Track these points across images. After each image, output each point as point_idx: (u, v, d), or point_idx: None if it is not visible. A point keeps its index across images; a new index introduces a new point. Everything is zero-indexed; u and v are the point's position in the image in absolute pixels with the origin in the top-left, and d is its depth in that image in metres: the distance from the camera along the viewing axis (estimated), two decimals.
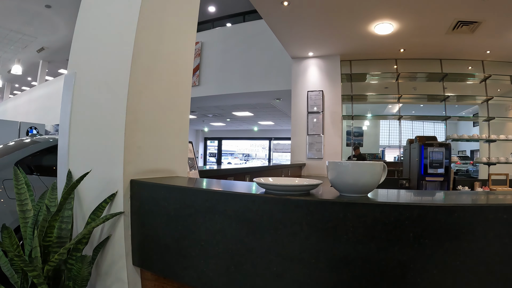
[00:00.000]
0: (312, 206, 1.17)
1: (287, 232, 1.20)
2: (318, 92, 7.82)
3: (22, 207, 1.79)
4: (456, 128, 14.97)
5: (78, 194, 1.95)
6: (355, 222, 1.09)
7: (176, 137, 2.11)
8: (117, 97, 1.79)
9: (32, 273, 1.50)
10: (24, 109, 16.43)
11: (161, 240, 1.59)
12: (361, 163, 1.24)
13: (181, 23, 2.16)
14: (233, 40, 10.10)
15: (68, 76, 2.14)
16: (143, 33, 1.84)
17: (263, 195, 1.27)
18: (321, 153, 7.64)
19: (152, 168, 1.91)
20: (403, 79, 8.11)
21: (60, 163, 2.14)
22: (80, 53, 2.13)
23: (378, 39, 6.85)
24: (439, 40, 6.87)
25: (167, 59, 2.04)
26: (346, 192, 1.24)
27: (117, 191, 1.74)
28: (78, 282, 1.67)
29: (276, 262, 1.21)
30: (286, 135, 19.65)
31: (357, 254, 1.09)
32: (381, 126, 13.46)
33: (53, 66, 16.39)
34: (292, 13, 5.99)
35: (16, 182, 1.79)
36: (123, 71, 1.79)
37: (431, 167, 6.49)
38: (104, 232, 1.83)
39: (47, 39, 13.20)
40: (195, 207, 1.44)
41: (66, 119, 2.08)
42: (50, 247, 1.73)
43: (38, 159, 3.76)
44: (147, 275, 1.76)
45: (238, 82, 9.78)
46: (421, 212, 1.04)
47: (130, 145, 1.76)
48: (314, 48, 7.67)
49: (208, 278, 1.40)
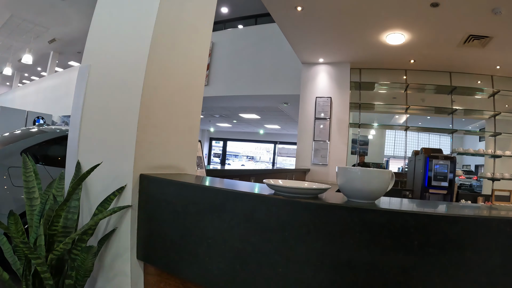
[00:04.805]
0: (320, 209, 1.18)
1: (294, 234, 1.21)
2: (327, 99, 7.82)
3: (29, 195, 1.81)
4: (462, 142, 14.89)
5: (86, 186, 1.96)
6: (362, 228, 1.11)
7: (186, 135, 2.13)
8: (132, 92, 1.81)
9: (36, 260, 1.52)
10: (32, 99, 16.49)
11: (167, 236, 1.60)
12: (371, 170, 1.26)
13: (198, 22, 2.18)
14: (244, 42, 10.10)
15: (82, 68, 2.16)
16: (161, 30, 1.86)
17: (272, 196, 1.28)
18: (326, 160, 7.64)
19: (161, 164, 1.93)
20: (412, 90, 8.10)
21: (69, 154, 2.15)
22: (95, 46, 2.14)
23: (389, 49, 6.85)
24: (450, 53, 6.85)
25: (182, 57, 2.06)
26: (354, 198, 1.26)
27: (126, 185, 1.75)
28: (81, 272, 1.68)
29: (282, 263, 1.22)
30: (291, 139, 19.61)
31: (362, 259, 1.10)
32: (387, 136, 13.43)
33: (64, 57, 16.42)
34: (305, 18, 6.00)
35: (25, 170, 1.80)
36: (139, 66, 1.81)
37: (435, 180, 6.45)
38: (110, 225, 1.84)
39: (59, 31, 13.23)
40: (203, 205, 1.45)
41: (78, 111, 2.10)
42: (55, 236, 1.74)
43: (45, 148, 3.77)
44: (150, 270, 1.77)
45: (246, 84, 9.77)
46: (427, 221, 1.06)
47: (141, 140, 1.77)
48: (325, 54, 7.67)
49: (212, 276, 1.41)
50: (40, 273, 1.55)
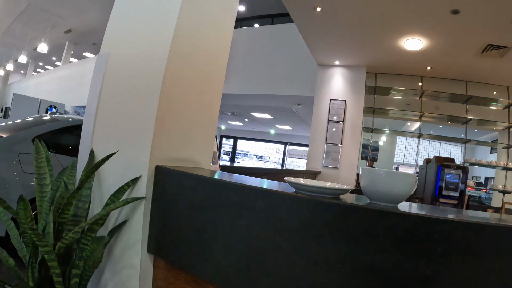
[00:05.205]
0: (344, 210, 1.15)
1: (315, 234, 1.17)
2: (341, 102, 7.76)
3: (40, 181, 1.78)
4: (473, 153, 14.73)
5: (98, 175, 1.94)
6: (386, 231, 1.08)
7: (204, 129, 2.09)
8: (152, 82, 1.78)
9: (44, 248, 1.48)
10: (45, 88, 16.65)
11: (181, 230, 1.57)
12: (395, 172, 1.23)
13: (221, 15, 2.15)
14: (260, 41, 10.05)
15: (101, 56, 2.13)
16: (184, 21, 1.83)
17: (295, 194, 1.24)
18: (337, 163, 7.57)
19: (177, 157, 1.89)
20: (426, 98, 8.01)
21: (83, 142, 2.13)
22: (115, 34, 2.12)
23: (406, 54, 6.77)
24: (467, 61, 6.77)
25: (203, 50, 2.02)
26: (377, 200, 1.22)
27: (140, 176, 1.72)
28: (90, 263, 1.66)
29: (300, 264, 1.19)
30: (301, 141, 19.51)
31: (383, 264, 1.07)
32: (398, 142, 13.33)
33: (79, 48, 16.51)
34: (324, 19, 5.95)
35: (37, 155, 1.77)
36: (160, 56, 1.78)
37: (446, 189, 6.37)
38: (121, 216, 1.81)
39: (76, 22, 13.30)
40: (222, 200, 1.42)
41: (94, 99, 2.07)
42: (64, 224, 1.72)
43: (56, 137, 3.77)
44: (160, 264, 1.74)
45: (260, 83, 9.72)
46: (451, 227, 1.03)
47: (159, 131, 1.74)
48: (341, 57, 7.62)
49: (226, 273, 1.37)
50: (47, 261, 1.51)
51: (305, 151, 17.79)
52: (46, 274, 1.67)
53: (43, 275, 1.66)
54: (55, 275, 1.55)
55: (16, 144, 3.40)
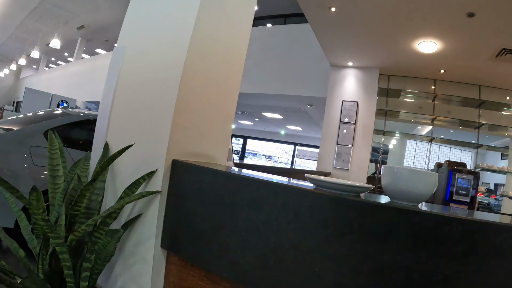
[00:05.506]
0: (366, 208, 1.13)
1: (336, 232, 1.15)
2: (353, 103, 7.69)
3: (53, 173, 1.76)
4: (483, 158, 14.58)
5: (112, 168, 1.92)
6: (408, 230, 1.06)
7: (221, 124, 2.07)
8: (171, 75, 1.76)
9: (56, 240, 1.47)
10: (57, 83, 16.77)
11: (197, 226, 1.54)
12: (418, 171, 1.21)
13: (239, 12, 2.12)
14: (272, 40, 9.97)
15: (118, 49, 2.12)
16: (204, 16, 1.81)
17: (318, 191, 1.22)
18: (348, 165, 7.51)
19: (194, 151, 1.87)
20: (439, 101, 7.93)
21: (98, 135, 2.12)
22: (133, 27, 2.10)
23: (420, 57, 6.70)
24: (481, 65, 6.68)
25: (222, 46, 2.00)
26: (398, 199, 1.21)
27: (157, 169, 1.70)
28: (102, 257, 1.64)
29: (320, 261, 1.17)
30: (311, 142, 19.42)
31: (404, 263, 1.05)
32: (408, 146, 13.23)
33: (91, 44, 16.58)
34: (338, 19, 5.91)
35: (50, 147, 1.75)
36: (180, 49, 1.76)
37: (456, 194, 6.29)
38: (135, 210, 1.80)
39: (88, 18, 13.35)
40: (241, 196, 1.39)
41: (110, 92, 2.06)
42: (76, 217, 1.70)
43: (68, 131, 3.76)
44: (173, 260, 1.72)
45: (272, 83, 9.66)
46: (473, 228, 1.02)
47: (177, 125, 1.72)
48: (355, 58, 7.56)
49: (242, 270, 1.35)
50: (59, 254, 1.50)
51: (315, 152, 17.73)
52: (56, 267, 1.65)
53: (54, 268, 1.65)
54: (66, 267, 1.53)
55: (27, 137, 3.40)
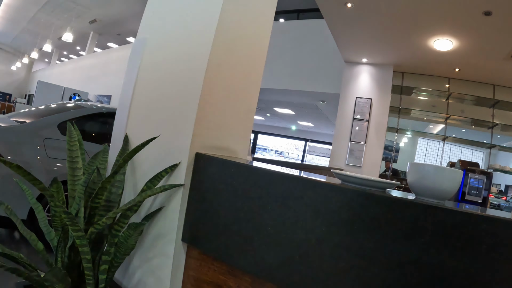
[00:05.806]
0: (394, 204, 1.12)
1: (363, 228, 1.14)
2: (367, 100, 7.65)
3: (72, 164, 1.75)
4: (495, 159, 14.45)
5: (132, 161, 1.92)
6: (434, 227, 1.05)
7: (243, 118, 2.05)
8: (195, 68, 1.74)
9: (77, 233, 1.45)
10: (69, 76, 16.89)
11: (220, 220, 1.53)
12: (444, 168, 1.23)
13: (262, 8, 2.09)
14: (285, 36, 9.93)
15: (138, 41, 2.11)
16: (229, 8, 1.79)
17: (345, 186, 1.21)
18: (360, 162, 7.47)
19: (216, 145, 1.86)
20: (453, 100, 7.85)
21: (117, 127, 2.12)
22: (154, 19, 2.09)
23: (435, 55, 6.64)
24: (496, 65, 6.61)
25: (245, 39, 1.98)
26: (424, 196, 1.21)
27: (180, 162, 1.69)
28: (122, 250, 1.63)
29: (346, 257, 1.16)
30: (323, 138, 19.33)
31: (429, 260, 1.04)
32: (419, 144, 13.14)
33: (103, 38, 16.67)
34: (354, 15, 5.88)
35: (69, 139, 1.74)
36: (204, 41, 1.74)
37: (469, 194, 6.23)
38: (156, 203, 1.79)
39: (100, 12, 13.41)
40: (268, 190, 1.38)
41: (130, 84, 2.05)
42: (96, 209, 1.69)
43: (81, 123, 3.76)
44: (194, 253, 1.71)
45: (285, 79, 9.65)
46: (498, 226, 1.00)
47: (201, 118, 1.71)
48: (369, 55, 7.52)
49: (266, 265, 1.34)
50: (79, 246, 1.48)
51: (325, 148, 17.64)
52: (75, 259, 1.65)
53: (72, 260, 1.64)
54: (85, 260, 1.52)
55: (41, 129, 3.41)
